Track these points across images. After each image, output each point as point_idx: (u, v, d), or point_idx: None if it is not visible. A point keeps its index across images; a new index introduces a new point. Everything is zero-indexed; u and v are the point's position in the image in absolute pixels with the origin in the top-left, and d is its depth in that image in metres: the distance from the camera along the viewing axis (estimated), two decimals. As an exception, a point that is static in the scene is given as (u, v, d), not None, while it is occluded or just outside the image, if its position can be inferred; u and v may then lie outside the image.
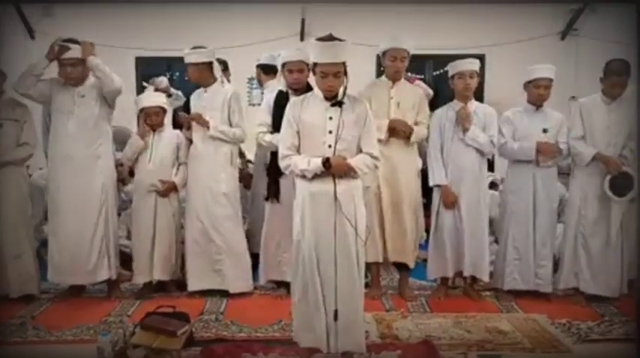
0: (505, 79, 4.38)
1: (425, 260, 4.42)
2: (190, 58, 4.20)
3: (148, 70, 7.20)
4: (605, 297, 4.22)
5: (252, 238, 4.65)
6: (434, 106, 4.38)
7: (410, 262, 4.28)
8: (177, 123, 4.72)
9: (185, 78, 6.88)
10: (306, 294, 3.03)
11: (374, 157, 3.04)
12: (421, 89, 4.47)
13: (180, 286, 4.38)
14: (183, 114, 4.43)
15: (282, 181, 4.03)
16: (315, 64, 2.97)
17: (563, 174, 4.55)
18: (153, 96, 4.48)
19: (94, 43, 4.12)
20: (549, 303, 4.18)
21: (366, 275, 3.93)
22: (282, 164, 3.08)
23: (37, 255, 4.37)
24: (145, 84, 5.97)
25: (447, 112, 4.26)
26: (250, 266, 4.38)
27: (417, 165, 4.52)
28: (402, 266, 4.35)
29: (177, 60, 4.37)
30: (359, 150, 3.04)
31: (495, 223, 4.65)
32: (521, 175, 4.25)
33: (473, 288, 4.36)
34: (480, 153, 4.19)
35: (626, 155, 4.10)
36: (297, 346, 3.17)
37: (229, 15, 7.14)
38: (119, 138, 4.64)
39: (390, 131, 4.08)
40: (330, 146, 2.96)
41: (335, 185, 2.94)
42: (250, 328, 3.69)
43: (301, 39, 7.11)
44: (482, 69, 4.30)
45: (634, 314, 3.77)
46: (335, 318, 2.95)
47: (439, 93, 6.05)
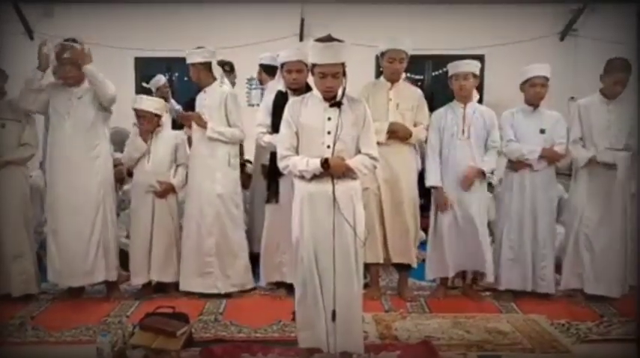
0: (504, 79, 4.38)
1: (424, 260, 4.42)
2: (189, 58, 4.23)
3: (147, 71, 7.21)
4: (605, 298, 4.22)
5: (251, 238, 4.65)
6: (432, 107, 4.37)
7: (412, 262, 4.28)
8: (175, 124, 4.72)
9: (185, 78, 6.89)
10: (306, 294, 3.03)
11: (373, 158, 3.04)
12: (420, 90, 4.46)
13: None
14: (182, 112, 4.43)
15: (282, 182, 4.03)
16: (314, 64, 2.96)
17: (561, 174, 4.55)
18: (148, 101, 4.34)
19: (89, 49, 4.08)
20: (549, 304, 4.18)
21: (365, 276, 3.94)
22: (280, 164, 3.08)
23: (37, 255, 4.37)
24: (145, 84, 5.99)
25: (447, 113, 4.26)
26: (249, 267, 4.37)
27: (416, 165, 4.51)
28: (401, 266, 4.35)
29: (177, 60, 4.38)
30: (358, 150, 3.04)
31: (491, 224, 4.65)
32: (519, 176, 4.25)
33: (472, 289, 4.37)
34: (480, 153, 4.19)
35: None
36: (296, 346, 3.16)
37: (228, 15, 7.15)
38: (117, 139, 4.65)
39: (390, 134, 4.08)
40: (329, 147, 2.95)
41: (333, 186, 2.94)
42: (249, 328, 3.68)
43: (300, 39, 7.12)
44: (481, 69, 4.30)
45: (634, 315, 3.78)
46: (333, 319, 2.95)
47: (438, 94, 6.05)
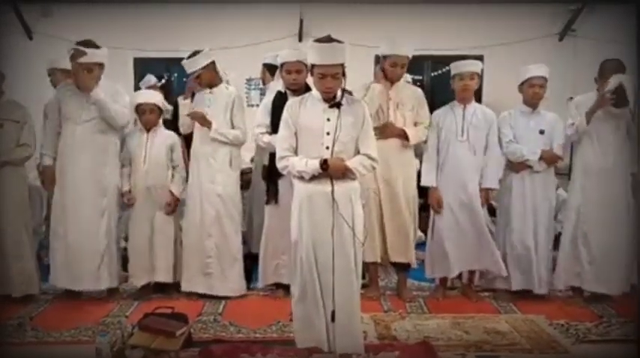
0: (503, 79, 4.39)
1: (423, 260, 4.42)
2: (193, 65, 4.17)
3: (146, 71, 7.19)
4: (604, 298, 4.23)
5: (251, 239, 4.65)
6: (432, 107, 4.37)
7: (412, 261, 4.28)
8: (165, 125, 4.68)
9: (184, 79, 6.86)
10: (305, 295, 3.04)
11: (372, 159, 3.04)
12: (420, 90, 4.46)
13: (179, 287, 4.37)
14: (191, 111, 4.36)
15: (281, 183, 4.02)
16: (314, 65, 2.97)
17: (559, 174, 4.56)
18: (148, 94, 4.47)
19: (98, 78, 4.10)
20: (547, 304, 4.18)
21: (364, 276, 3.94)
22: (279, 165, 3.09)
23: (36, 256, 4.37)
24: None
25: (446, 113, 4.26)
26: (243, 270, 4.36)
27: (416, 165, 4.52)
28: (400, 266, 4.35)
29: (176, 61, 4.37)
30: (357, 151, 3.04)
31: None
32: (518, 177, 4.26)
33: (471, 289, 4.37)
34: (480, 154, 4.19)
35: None
36: (295, 347, 3.17)
37: (227, 16, 7.14)
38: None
39: (382, 132, 4.04)
40: (328, 147, 2.95)
41: (332, 186, 2.95)
42: (248, 329, 3.69)
43: (299, 39, 7.11)
44: (481, 69, 4.31)
45: (633, 315, 3.78)
46: (332, 319, 2.96)
47: (437, 94, 6.05)
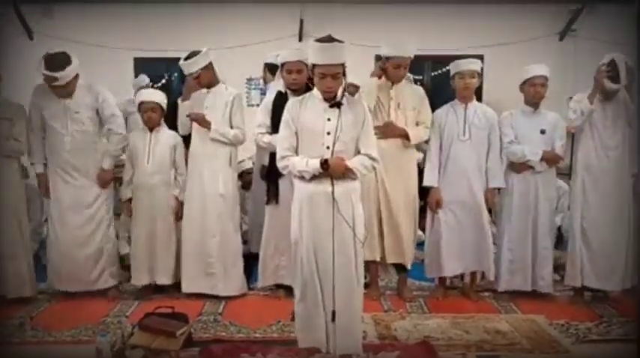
0: (504, 79, 4.39)
1: (423, 260, 4.43)
2: (192, 66, 4.15)
3: (146, 71, 7.20)
4: (604, 298, 4.23)
5: (251, 238, 4.65)
6: (432, 107, 4.36)
7: (407, 263, 4.28)
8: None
9: (184, 78, 6.84)
10: (306, 295, 3.04)
11: (372, 158, 3.04)
12: (422, 89, 4.45)
13: (180, 287, 4.36)
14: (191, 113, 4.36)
15: (282, 183, 4.02)
16: (314, 65, 2.97)
17: (560, 174, 4.56)
18: (151, 92, 4.47)
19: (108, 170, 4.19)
20: (548, 304, 4.18)
21: (365, 276, 3.94)
22: (280, 165, 3.08)
23: (36, 256, 4.37)
24: (143, 85, 6.02)
25: (447, 113, 4.26)
26: (242, 270, 4.36)
27: (418, 159, 4.50)
28: (400, 266, 4.35)
29: (177, 61, 4.36)
30: (357, 151, 3.04)
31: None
32: (519, 177, 4.25)
33: (471, 289, 4.36)
34: (482, 153, 4.19)
35: None
36: (295, 346, 3.16)
37: (228, 16, 7.14)
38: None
39: (383, 132, 4.05)
40: (329, 147, 2.95)
41: (333, 186, 2.94)
42: (249, 329, 3.69)
43: (300, 39, 7.12)
44: (481, 69, 4.31)
45: (634, 315, 3.78)
46: (333, 319, 2.96)
47: (437, 94, 6.04)
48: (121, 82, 6.77)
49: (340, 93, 2.99)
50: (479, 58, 5.58)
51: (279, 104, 3.83)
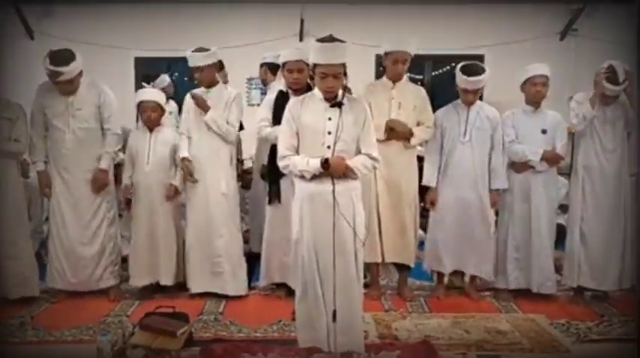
0: (504, 79, 4.39)
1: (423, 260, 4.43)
2: (201, 60, 4.12)
3: (147, 70, 7.22)
4: (604, 297, 4.24)
5: (252, 238, 4.65)
6: (432, 107, 4.36)
7: (410, 262, 4.28)
8: None
9: (185, 78, 6.85)
10: (306, 294, 3.04)
11: (373, 158, 3.04)
12: (423, 89, 4.45)
13: (181, 287, 4.37)
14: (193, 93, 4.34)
15: (283, 183, 4.02)
16: (315, 64, 2.97)
17: (561, 174, 4.56)
18: (150, 92, 4.45)
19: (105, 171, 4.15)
20: (548, 303, 4.18)
21: (366, 276, 3.94)
22: (280, 164, 3.08)
23: (37, 256, 4.37)
24: (145, 84, 5.98)
25: (450, 113, 4.25)
26: (246, 268, 4.36)
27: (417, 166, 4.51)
28: (401, 266, 4.35)
29: (177, 60, 4.37)
30: (358, 150, 3.04)
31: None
32: (521, 176, 4.25)
33: (472, 288, 4.37)
34: (483, 155, 4.19)
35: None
36: (296, 346, 3.17)
37: (228, 15, 7.15)
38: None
39: (389, 131, 4.08)
40: (329, 147, 2.95)
41: (334, 185, 2.94)
42: (249, 328, 3.69)
43: (300, 39, 7.12)
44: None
45: (634, 315, 3.78)
46: (333, 319, 2.96)
47: (438, 94, 6.04)
48: (122, 81, 6.78)
49: (341, 92, 3.00)
50: (479, 58, 5.59)
51: (280, 103, 3.84)
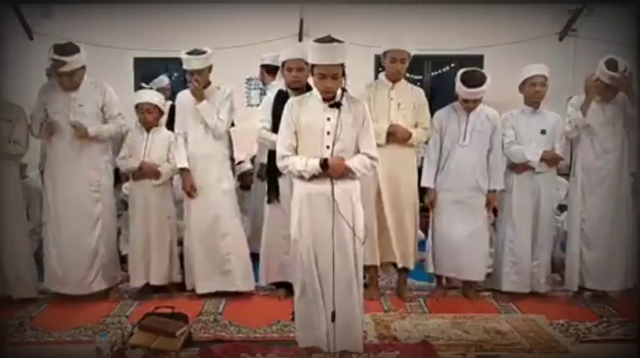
0: (503, 79, 4.39)
1: (422, 260, 4.42)
2: (197, 63, 4.10)
3: (146, 71, 7.21)
4: (604, 298, 4.23)
5: (251, 238, 4.65)
6: (431, 107, 4.36)
7: (410, 264, 4.28)
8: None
9: (183, 78, 6.80)
10: (305, 293, 3.04)
11: (372, 158, 3.04)
12: (422, 91, 4.45)
13: (180, 287, 4.37)
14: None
15: (282, 182, 4.02)
16: (314, 65, 2.97)
17: (560, 174, 4.56)
18: (148, 94, 4.46)
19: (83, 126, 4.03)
20: (548, 304, 4.18)
21: (365, 277, 3.94)
22: (279, 164, 3.08)
23: (36, 256, 4.36)
24: (145, 85, 5.98)
25: (449, 116, 4.24)
26: (251, 264, 4.36)
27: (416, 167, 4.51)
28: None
29: (176, 60, 4.35)
30: (357, 151, 3.04)
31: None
32: (520, 177, 4.25)
33: (471, 289, 4.36)
34: (482, 156, 4.19)
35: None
36: (295, 346, 3.17)
37: (227, 15, 7.14)
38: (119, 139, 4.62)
39: (390, 135, 4.07)
40: (328, 147, 2.95)
41: (332, 186, 2.94)
42: (249, 329, 3.69)
43: (299, 39, 7.11)
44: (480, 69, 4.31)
45: (633, 315, 3.78)
46: (332, 319, 2.96)
47: (437, 94, 6.04)
48: (122, 81, 6.77)
49: (340, 92, 3.00)
50: (478, 58, 5.60)
51: (280, 102, 3.82)
